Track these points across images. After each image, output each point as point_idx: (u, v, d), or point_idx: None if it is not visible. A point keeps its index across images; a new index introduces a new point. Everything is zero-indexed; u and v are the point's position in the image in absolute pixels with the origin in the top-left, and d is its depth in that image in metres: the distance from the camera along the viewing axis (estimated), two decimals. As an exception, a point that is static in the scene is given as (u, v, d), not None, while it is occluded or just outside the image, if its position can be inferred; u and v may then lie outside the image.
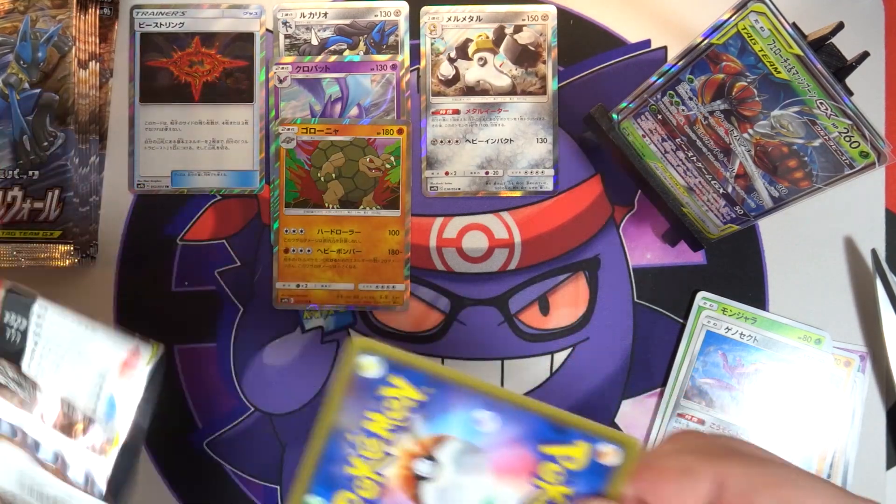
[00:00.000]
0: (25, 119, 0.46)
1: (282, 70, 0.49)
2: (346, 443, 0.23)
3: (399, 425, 0.23)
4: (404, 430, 0.23)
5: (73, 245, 0.46)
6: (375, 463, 0.23)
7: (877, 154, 0.37)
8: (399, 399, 0.23)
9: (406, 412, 0.23)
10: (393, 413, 0.23)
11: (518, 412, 0.23)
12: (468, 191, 0.49)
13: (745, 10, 0.36)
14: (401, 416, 0.23)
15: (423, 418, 0.23)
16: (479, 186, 0.49)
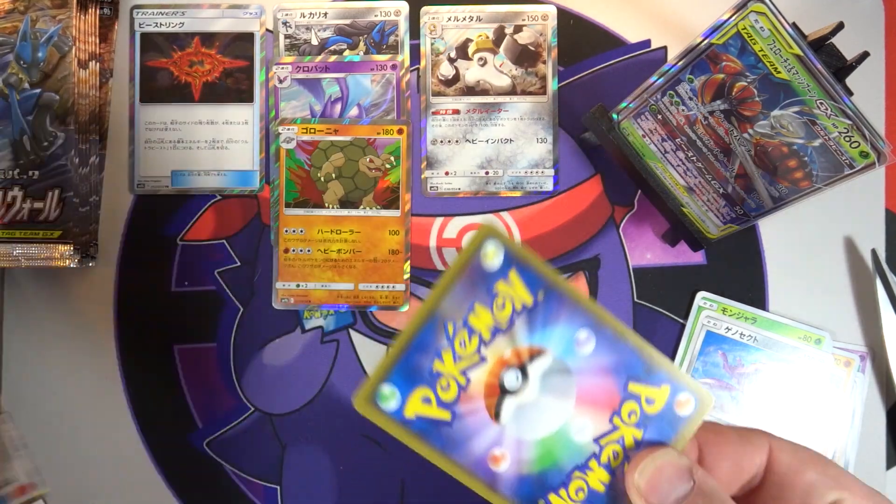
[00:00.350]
0: (25, 119, 0.46)
1: (282, 70, 0.49)
2: (443, 333, 0.21)
3: (500, 327, 0.22)
4: (504, 333, 0.22)
5: (73, 245, 0.46)
6: (466, 362, 0.22)
7: (877, 154, 0.37)
8: (509, 298, 0.21)
9: (511, 314, 0.21)
10: (500, 312, 0.21)
11: (618, 342, 0.22)
12: (468, 191, 0.49)
13: (745, 10, 0.36)
14: (505, 317, 0.21)
15: (526, 325, 0.22)
16: (479, 186, 0.49)
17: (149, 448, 0.48)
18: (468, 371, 0.22)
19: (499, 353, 0.22)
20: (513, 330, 0.21)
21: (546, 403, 0.22)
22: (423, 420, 0.22)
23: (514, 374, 0.22)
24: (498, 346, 0.22)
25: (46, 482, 0.47)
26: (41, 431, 0.48)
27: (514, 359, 0.22)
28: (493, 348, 0.22)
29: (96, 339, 0.48)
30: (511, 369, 0.22)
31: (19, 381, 0.48)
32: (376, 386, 0.21)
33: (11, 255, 0.46)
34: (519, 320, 0.21)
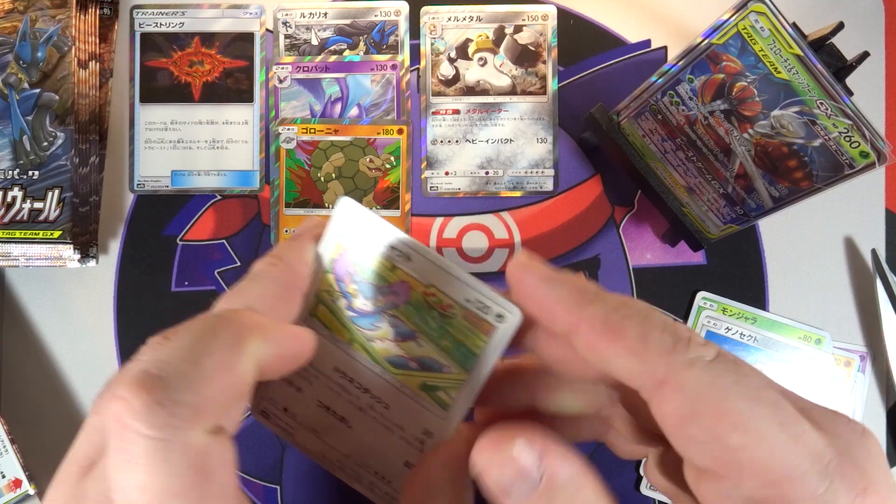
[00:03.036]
0: (25, 119, 0.46)
1: (282, 70, 0.49)
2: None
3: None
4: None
5: (73, 245, 0.46)
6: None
7: (877, 154, 0.37)
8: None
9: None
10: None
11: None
12: (468, 191, 0.49)
13: (745, 10, 0.36)
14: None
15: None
16: (479, 186, 0.49)
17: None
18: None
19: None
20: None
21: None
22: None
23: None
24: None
25: (39, 480, 0.47)
26: (41, 431, 0.48)
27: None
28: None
29: (96, 339, 0.48)
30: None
31: (19, 381, 0.48)
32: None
33: (11, 255, 0.46)
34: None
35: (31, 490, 0.46)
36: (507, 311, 0.22)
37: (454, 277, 0.22)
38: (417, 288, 0.23)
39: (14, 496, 0.46)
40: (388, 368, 0.24)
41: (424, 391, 0.24)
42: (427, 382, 0.24)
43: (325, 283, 0.24)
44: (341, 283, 0.23)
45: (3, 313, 0.48)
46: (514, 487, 0.19)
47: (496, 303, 0.22)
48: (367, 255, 0.23)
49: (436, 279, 0.22)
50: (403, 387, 0.24)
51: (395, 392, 0.24)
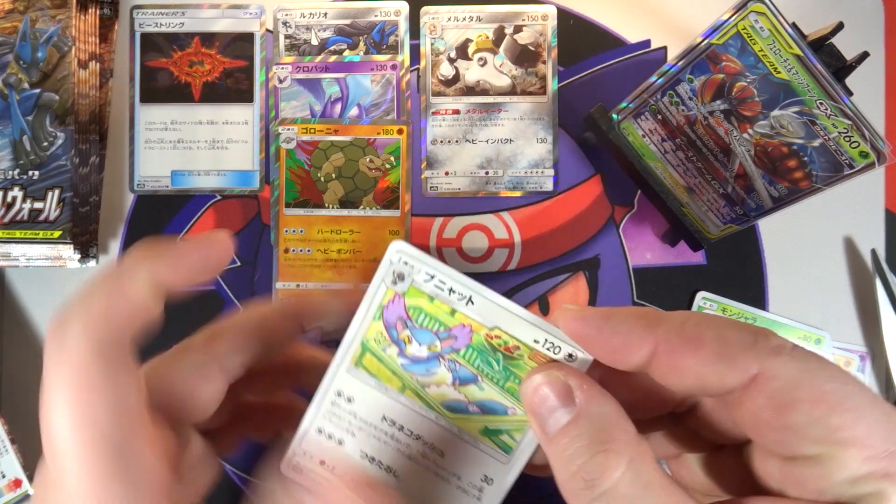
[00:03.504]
0: (25, 119, 0.46)
1: (282, 70, 0.49)
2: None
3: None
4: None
5: (73, 245, 0.46)
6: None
7: (876, 154, 0.37)
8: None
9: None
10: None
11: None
12: (468, 191, 0.49)
13: (744, 10, 0.36)
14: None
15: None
16: (479, 186, 0.49)
17: (149, 448, 0.48)
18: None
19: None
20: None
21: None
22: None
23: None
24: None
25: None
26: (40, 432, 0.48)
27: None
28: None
29: (96, 339, 0.48)
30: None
31: (19, 381, 0.48)
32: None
33: (11, 255, 0.46)
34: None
35: (31, 490, 0.46)
36: (578, 350, 0.21)
37: (521, 318, 0.21)
38: (480, 331, 0.22)
39: (14, 496, 0.46)
40: (444, 414, 0.23)
41: (486, 436, 0.23)
42: (489, 426, 0.23)
43: (372, 332, 0.23)
44: (392, 331, 0.22)
45: (3, 313, 0.48)
46: (552, 413, 0.20)
47: (567, 342, 0.21)
48: (423, 300, 0.22)
49: (501, 321, 0.22)
50: (462, 432, 0.23)
51: (451, 438, 0.23)
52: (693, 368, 0.19)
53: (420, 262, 0.22)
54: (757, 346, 0.19)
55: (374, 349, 0.23)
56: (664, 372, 0.20)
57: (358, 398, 0.23)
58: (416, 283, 0.22)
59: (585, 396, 0.20)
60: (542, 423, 0.21)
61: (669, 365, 0.20)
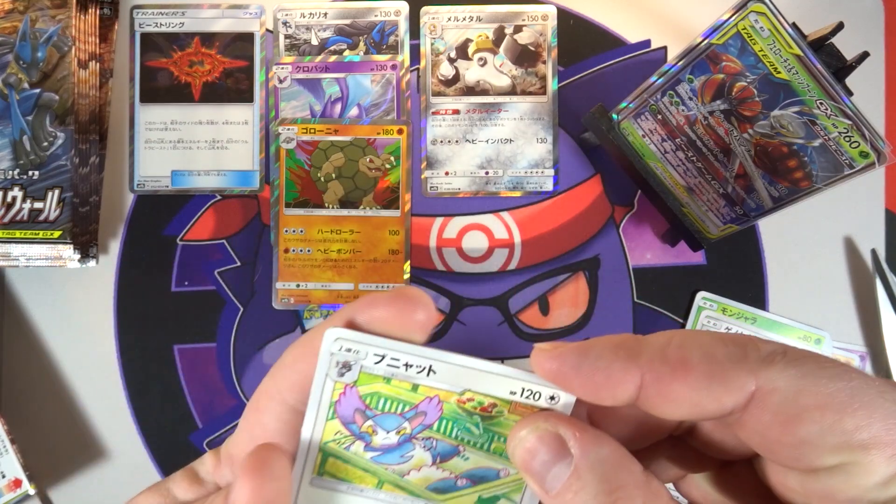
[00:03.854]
0: (25, 119, 0.46)
1: (282, 70, 0.49)
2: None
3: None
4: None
5: (73, 245, 0.46)
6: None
7: (877, 154, 0.37)
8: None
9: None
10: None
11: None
12: (468, 191, 0.49)
13: (745, 10, 0.36)
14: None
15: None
16: (479, 186, 0.49)
17: (149, 448, 0.48)
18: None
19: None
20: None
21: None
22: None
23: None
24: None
25: (39, 480, 0.47)
26: (41, 431, 0.48)
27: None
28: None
29: (96, 339, 0.48)
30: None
31: (19, 381, 0.48)
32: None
33: (11, 255, 0.46)
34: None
35: (31, 490, 0.46)
36: (558, 393, 0.20)
37: (490, 374, 0.20)
38: (450, 398, 0.20)
39: (14, 496, 0.46)
40: (432, 498, 0.21)
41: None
42: (483, 496, 0.21)
43: (329, 433, 0.20)
44: (352, 426, 0.20)
45: (3, 313, 0.48)
46: (549, 470, 0.19)
47: (546, 386, 0.20)
48: (379, 383, 0.20)
49: (469, 382, 0.20)
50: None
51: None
52: (685, 395, 0.18)
53: (365, 346, 0.19)
54: (748, 358, 0.18)
55: (336, 451, 0.20)
56: (655, 403, 0.18)
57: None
58: (365, 368, 0.20)
59: (580, 444, 0.18)
60: (540, 482, 0.19)
61: (659, 395, 0.18)
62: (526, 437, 0.19)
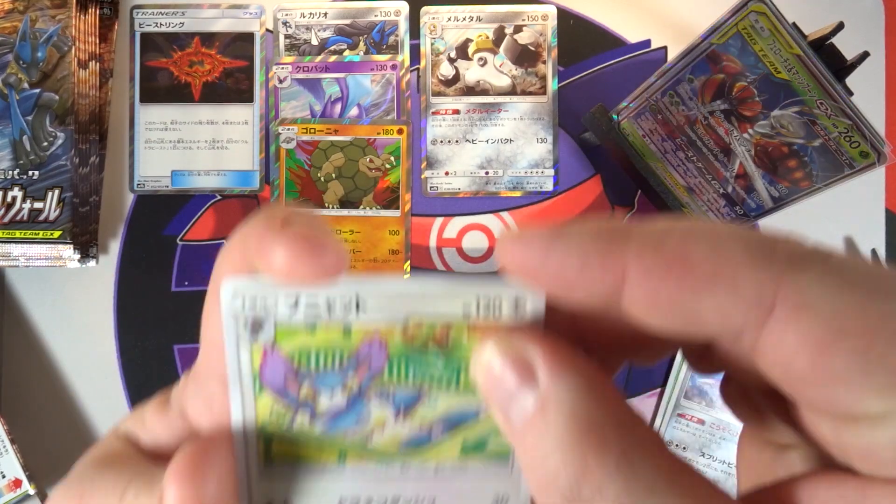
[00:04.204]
0: (25, 119, 0.46)
1: (282, 70, 0.49)
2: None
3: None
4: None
5: (73, 245, 0.46)
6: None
7: (877, 154, 0.37)
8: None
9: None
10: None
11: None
12: (468, 191, 0.49)
13: (745, 10, 0.36)
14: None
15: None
16: (479, 186, 0.49)
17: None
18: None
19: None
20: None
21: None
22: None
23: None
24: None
25: (39, 480, 0.47)
26: (41, 431, 0.48)
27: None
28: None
29: (96, 339, 0.48)
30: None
31: (19, 381, 0.48)
32: None
33: (11, 255, 0.46)
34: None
35: (31, 490, 0.46)
36: (522, 295, 0.16)
37: (434, 293, 0.16)
38: (393, 334, 0.16)
39: (14, 496, 0.46)
40: (408, 458, 0.17)
41: (468, 454, 0.17)
42: (466, 442, 0.17)
43: (262, 411, 0.17)
44: (287, 394, 0.17)
45: (3, 313, 0.48)
46: (513, 400, 0.14)
47: (505, 292, 0.16)
48: (302, 335, 0.16)
49: (411, 308, 0.16)
50: (440, 468, 0.17)
51: (433, 481, 0.18)
52: (679, 300, 0.13)
53: (272, 291, 0.16)
54: (774, 258, 0.13)
55: (278, 431, 0.17)
56: (640, 308, 0.14)
57: (296, 497, 0.18)
58: (281, 320, 0.16)
59: (549, 372, 0.14)
60: (504, 413, 0.15)
61: (646, 297, 0.14)
62: (488, 356, 0.15)
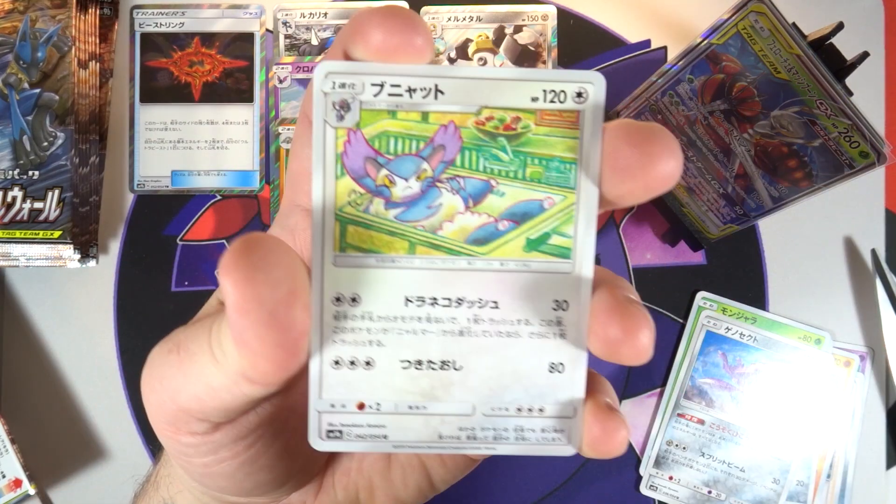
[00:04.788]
0: (25, 119, 0.46)
1: (282, 70, 0.49)
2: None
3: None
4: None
5: (73, 245, 0.46)
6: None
7: (876, 154, 0.37)
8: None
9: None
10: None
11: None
12: (468, 191, 0.49)
13: (744, 10, 0.36)
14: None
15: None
16: (479, 186, 0.49)
17: (149, 448, 0.48)
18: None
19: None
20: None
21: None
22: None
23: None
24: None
25: (40, 480, 0.47)
26: (41, 431, 0.48)
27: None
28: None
29: (96, 339, 0.48)
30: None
31: (19, 381, 0.48)
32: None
33: (11, 255, 0.46)
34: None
35: (31, 490, 0.46)
36: (585, 81, 0.17)
37: (505, 81, 0.17)
38: (467, 122, 0.17)
39: (14, 496, 0.46)
40: (475, 252, 0.18)
41: (533, 249, 0.18)
42: (531, 237, 0.18)
43: (342, 194, 0.17)
44: (366, 181, 0.17)
45: (3, 313, 0.48)
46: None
47: (569, 79, 0.17)
48: (384, 120, 0.17)
49: (485, 97, 0.17)
50: (505, 263, 0.18)
51: (498, 279, 0.18)
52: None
53: (360, 75, 0.17)
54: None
55: (355, 215, 0.18)
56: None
57: (364, 292, 0.18)
58: (366, 103, 0.17)
59: None
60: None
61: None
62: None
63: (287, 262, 0.16)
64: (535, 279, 0.18)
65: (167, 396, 0.19)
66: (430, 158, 0.17)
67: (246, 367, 0.16)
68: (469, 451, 0.18)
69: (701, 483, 0.47)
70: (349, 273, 0.18)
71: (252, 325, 0.15)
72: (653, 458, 0.47)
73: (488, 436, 0.18)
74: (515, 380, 0.18)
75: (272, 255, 0.15)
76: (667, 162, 0.16)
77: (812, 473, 0.47)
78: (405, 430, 0.18)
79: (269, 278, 0.15)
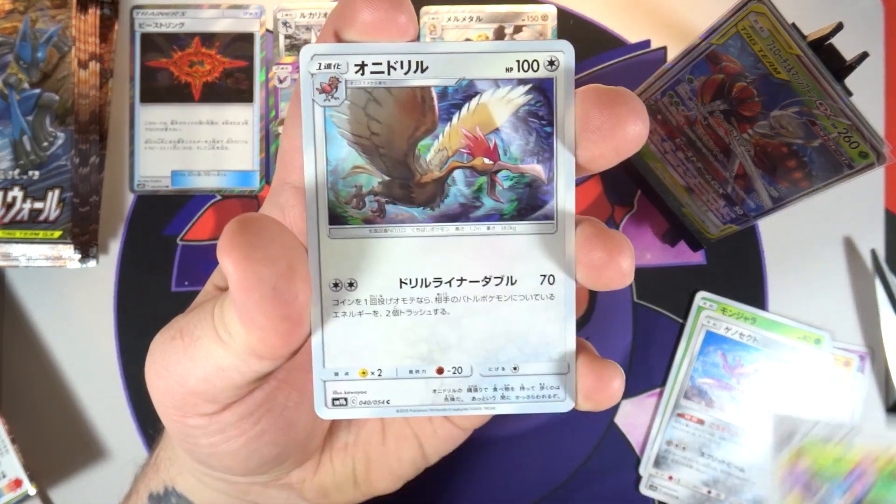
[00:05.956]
0: (25, 119, 0.46)
1: (282, 70, 0.49)
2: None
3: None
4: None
5: (73, 245, 0.46)
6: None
7: (876, 154, 0.37)
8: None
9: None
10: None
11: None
12: (468, 191, 0.49)
13: (744, 11, 0.36)
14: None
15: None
16: (479, 186, 0.49)
17: (149, 448, 0.48)
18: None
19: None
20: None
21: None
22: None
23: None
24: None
25: (40, 480, 0.47)
26: (41, 431, 0.48)
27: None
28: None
29: (96, 339, 0.48)
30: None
31: (19, 381, 0.48)
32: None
33: (11, 256, 0.46)
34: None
35: (31, 490, 0.46)
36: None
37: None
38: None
39: (14, 496, 0.46)
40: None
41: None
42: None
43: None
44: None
45: (3, 313, 0.48)
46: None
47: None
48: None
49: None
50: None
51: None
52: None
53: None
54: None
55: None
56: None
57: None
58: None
59: None
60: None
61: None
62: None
63: (282, 239, 0.17)
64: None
65: (175, 382, 0.20)
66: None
67: (254, 342, 0.17)
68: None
69: (700, 483, 0.47)
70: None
71: (256, 302, 0.16)
72: (652, 458, 0.47)
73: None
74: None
75: (267, 233, 0.16)
76: (634, 123, 0.18)
77: (812, 473, 0.47)
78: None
79: (267, 255, 0.16)
